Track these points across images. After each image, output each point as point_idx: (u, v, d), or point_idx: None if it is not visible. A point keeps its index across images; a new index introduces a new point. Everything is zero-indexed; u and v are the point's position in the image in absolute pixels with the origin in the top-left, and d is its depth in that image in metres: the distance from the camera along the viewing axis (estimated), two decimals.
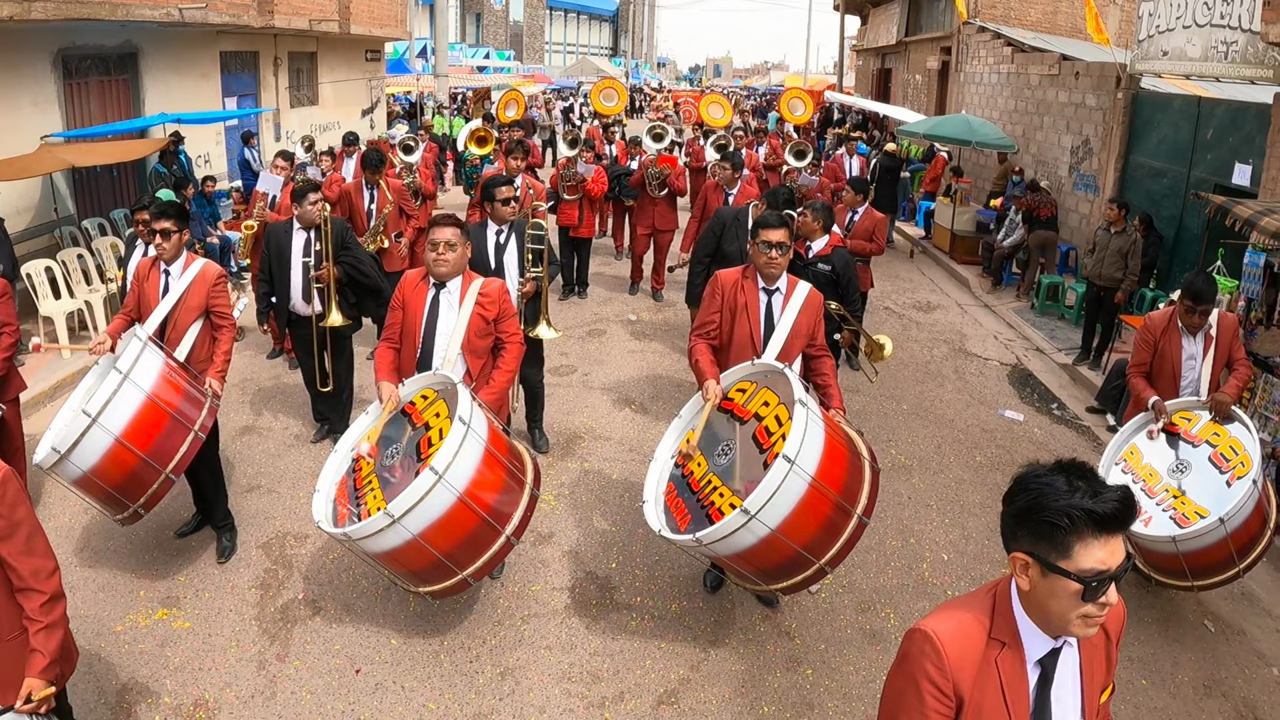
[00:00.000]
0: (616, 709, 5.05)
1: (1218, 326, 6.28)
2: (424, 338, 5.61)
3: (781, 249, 5.45)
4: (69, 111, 13.26)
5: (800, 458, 4.32)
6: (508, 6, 71.26)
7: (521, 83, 38.10)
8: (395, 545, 4.63)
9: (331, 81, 22.69)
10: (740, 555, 4.55)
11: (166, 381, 5.66)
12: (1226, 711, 5.35)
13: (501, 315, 5.69)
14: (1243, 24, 11.13)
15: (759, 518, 4.31)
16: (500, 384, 5.66)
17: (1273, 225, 7.91)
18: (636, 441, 8.34)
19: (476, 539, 4.80)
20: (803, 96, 20.21)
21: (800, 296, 5.56)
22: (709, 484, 4.87)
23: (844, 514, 4.53)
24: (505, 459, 5.00)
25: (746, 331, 5.55)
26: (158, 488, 5.51)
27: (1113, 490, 2.28)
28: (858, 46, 39.23)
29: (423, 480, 4.51)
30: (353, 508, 4.90)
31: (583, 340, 11.21)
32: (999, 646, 2.45)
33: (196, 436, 5.66)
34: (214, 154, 17.57)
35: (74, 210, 13.09)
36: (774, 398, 4.89)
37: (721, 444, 5.01)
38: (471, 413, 4.82)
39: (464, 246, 5.61)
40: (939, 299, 14.47)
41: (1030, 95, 18.21)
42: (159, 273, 6.25)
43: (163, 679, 5.17)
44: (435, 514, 4.59)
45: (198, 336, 6.21)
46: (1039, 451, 8.65)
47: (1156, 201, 13.08)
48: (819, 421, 4.60)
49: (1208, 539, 5.45)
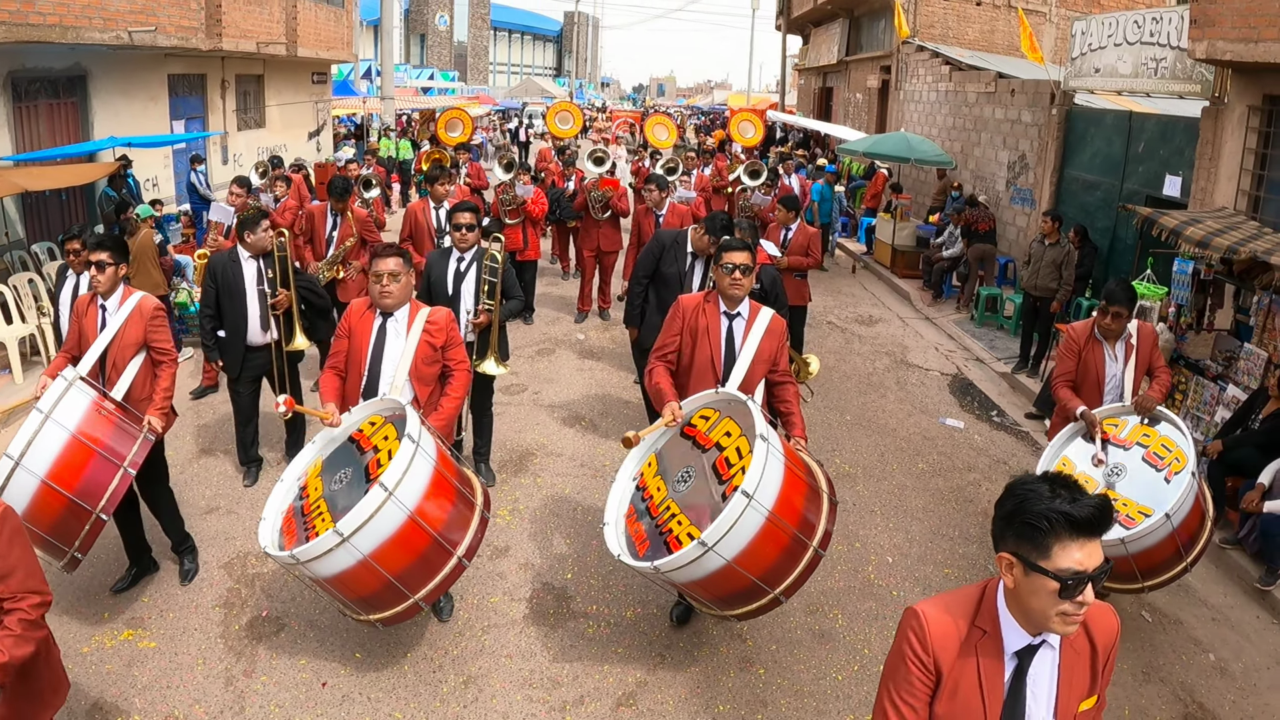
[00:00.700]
0: (577, 712, 5.21)
1: (1138, 336, 6.43)
2: (370, 365, 5.63)
3: (744, 270, 5.46)
4: (18, 134, 13.28)
5: (759, 492, 4.39)
6: (452, 27, 71.44)
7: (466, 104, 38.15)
8: (346, 567, 4.58)
9: (279, 104, 22.72)
10: (697, 583, 4.63)
11: (93, 419, 5.48)
12: (1165, 695, 5.62)
13: (449, 343, 5.73)
14: (1171, 41, 11.57)
15: (716, 549, 4.37)
16: (448, 410, 5.66)
17: (1197, 234, 8.27)
18: (587, 457, 8.53)
19: (428, 560, 4.77)
20: (753, 119, 20.40)
21: (763, 323, 5.55)
22: (668, 510, 4.88)
23: (800, 546, 4.60)
24: (455, 480, 5.02)
25: (707, 355, 5.54)
26: (89, 529, 5.29)
27: (1091, 498, 2.49)
28: (800, 66, 39.71)
29: (372, 497, 4.49)
30: (301, 532, 4.83)
31: (532, 359, 11.38)
32: (980, 634, 2.68)
33: (125, 473, 5.45)
34: (162, 177, 17.57)
35: (23, 234, 13.08)
36: (735, 428, 4.92)
37: (682, 470, 5.03)
38: (420, 432, 4.83)
39: (408, 276, 5.63)
40: (881, 312, 14.81)
41: (968, 112, 18.65)
42: (96, 308, 6.05)
43: (131, 698, 5.25)
44: (386, 533, 4.57)
45: (138, 373, 6.03)
46: (979, 457, 8.95)
47: (1091, 213, 13.49)
48: (779, 455, 4.66)
49: (1155, 536, 5.47)
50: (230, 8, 17.01)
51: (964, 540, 7.36)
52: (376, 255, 5.60)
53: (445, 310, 5.82)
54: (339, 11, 24.27)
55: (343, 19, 24.61)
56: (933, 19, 23.62)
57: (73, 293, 7.40)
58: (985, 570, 6.90)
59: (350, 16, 25.45)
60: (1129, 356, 6.41)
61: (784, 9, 37.21)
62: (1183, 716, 5.47)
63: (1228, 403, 8.39)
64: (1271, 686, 5.84)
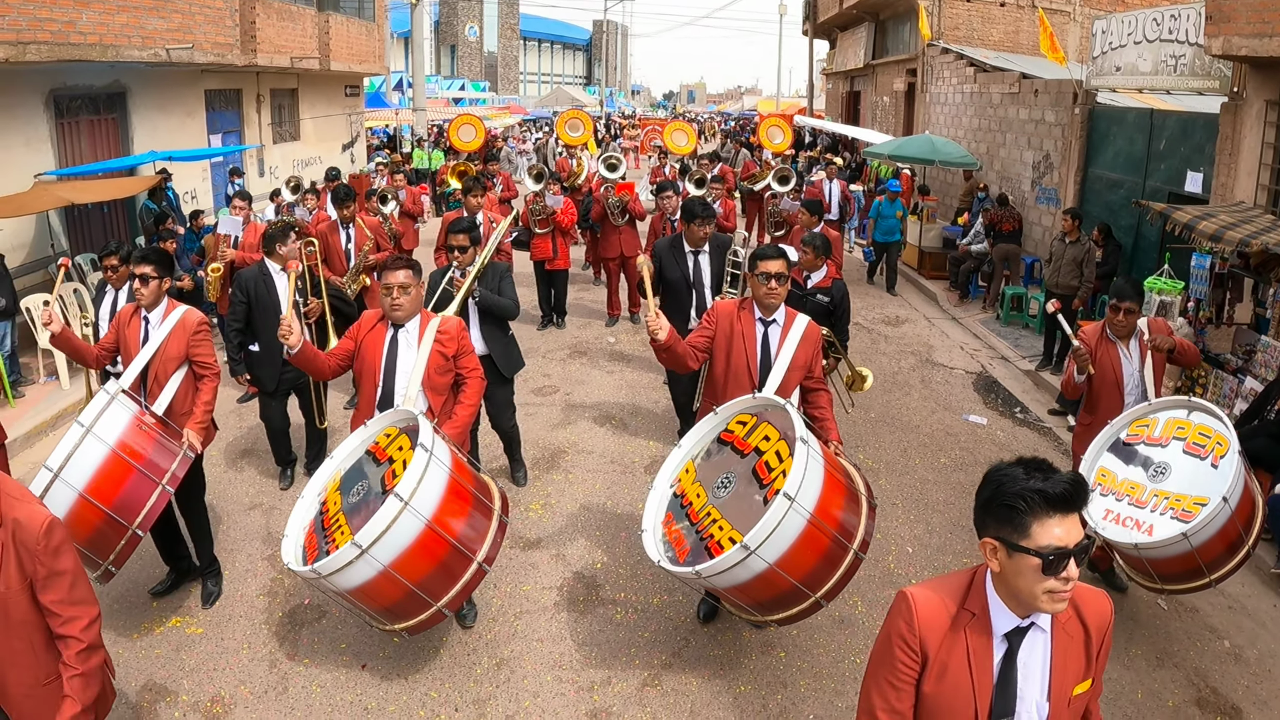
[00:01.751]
0: (604, 691, 5.44)
1: (1150, 331, 6.37)
2: (384, 377, 5.62)
3: (780, 279, 5.44)
4: (60, 150, 13.67)
5: (800, 495, 4.39)
6: (482, 38, 71.99)
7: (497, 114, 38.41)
8: (367, 578, 4.59)
9: (312, 117, 23.11)
10: (738, 588, 4.63)
11: (134, 434, 5.47)
12: (1179, 680, 5.74)
13: (461, 351, 5.74)
14: (1189, 38, 11.66)
15: (758, 553, 4.37)
16: (462, 418, 5.67)
17: (1210, 228, 8.39)
18: (617, 454, 8.77)
19: (448, 567, 4.78)
20: (781, 125, 19.93)
21: (799, 329, 5.54)
22: (708, 515, 4.86)
23: (841, 549, 4.60)
24: (471, 486, 5.03)
25: (743, 362, 5.53)
26: (125, 544, 5.30)
27: (1065, 474, 2.58)
28: (827, 70, 39.81)
29: (388, 507, 4.49)
30: (322, 546, 4.81)
31: (564, 362, 11.63)
32: (969, 616, 2.74)
33: (164, 490, 5.43)
34: (200, 190, 17.96)
35: (67, 246, 13.45)
36: (774, 432, 4.92)
37: (721, 476, 5.01)
38: (434, 441, 4.84)
39: (418, 288, 5.64)
40: (907, 313, 14.96)
41: (993, 113, 18.74)
42: (139, 320, 6.07)
43: (179, 679, 5.52)
44: (404, 542, 4.57)
45: (179, 387, 6.00)
46: (1001, 452, 9.09)
47: (1115, 211, 13.56)
48: (819, 459, 4.66)
49: (1216, 523, 5.33)
50: (264, 24, 17.39)
51: (970, 530, 7.49)
52: (386, 268, 5.58)
53: (456, 319, 5.90)
54: (370, 25, 24.64)
55: (374, 32, 24.98)
56: (957, 21, 23.72)
57: (111, 308, 7.43)
58: None
59: (382, 30, 25.82)
60: (1144, 354, 6.35)
61: (810, 14, 37.33)
62: (1196, 700, 5.58)
63: (1246, 395, 8.49)
64: None
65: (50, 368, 10.76)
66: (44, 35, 11.48)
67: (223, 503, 7.71)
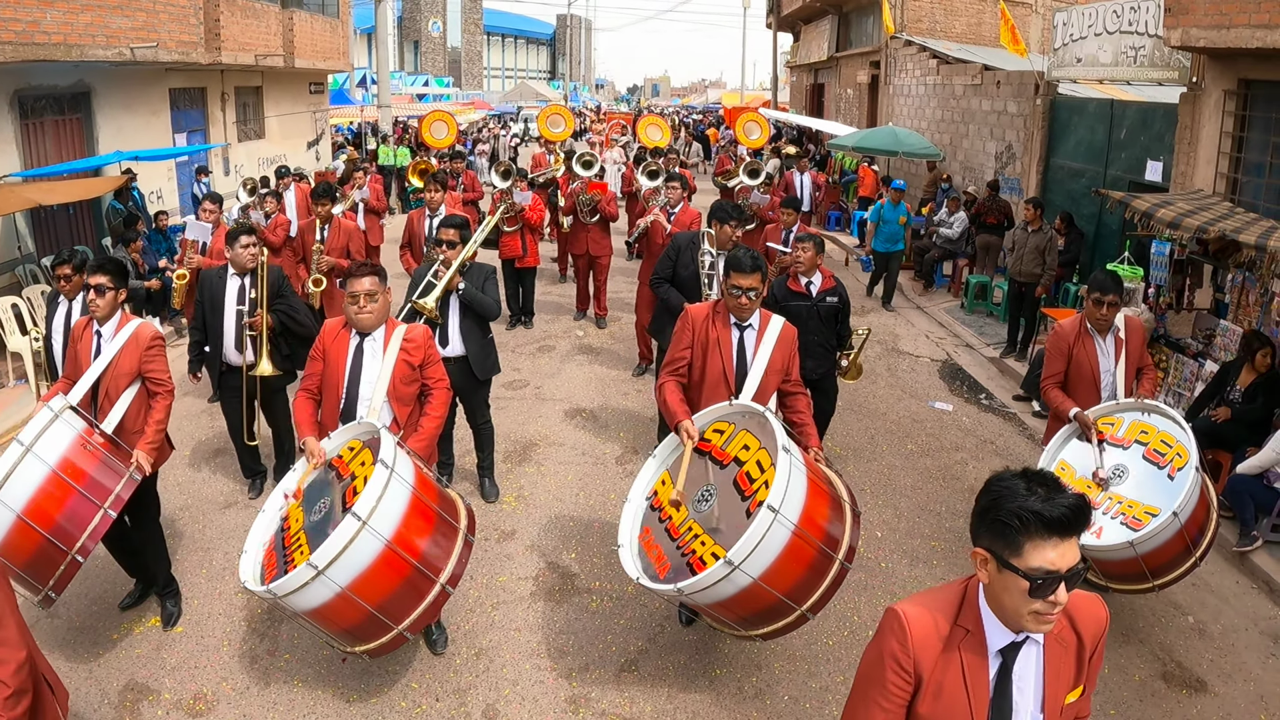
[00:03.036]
0: (583, 678, 5.54)
1: (1126, 330, 6.28)
2: (348, 387, 5.43)
3: (753, 294, 5.30)
4: (25, 151, 13.58)
5: (784, 507, 4.27)
6: (445, 33, 71.78)
7: (461, 109, 38.30)
8: (324, 600, 4.43)
9: (277, 115, 23.01)
10: (722, 604, 4.50)
11: (77, 453, 5.21)
12: (1144, 655, 5.91)
13: (427, 360, 5.55)
14: (1148, 29, 11.88)
15: (742, 568, 4.25)
16: (428, 430, 5.46)
17: (1168, 216, 8.57)
18: (588, 446, 8.87)
19: (409, 589, 4.61)
20: (759, 120, 19.52)
21: (774, 331, 5.43)
22: (689, 531, 4.73)
23: (827, 560, 4.48)
24: (435, 504, 4.85)
25: (719, 368, 5.40)
26: (65, 568, 5.01)
27: (1067, 497, 2.47)
28: (791, 63, 40.02)
29: (345, 527, 4.32)
30: (281, 564, 4.66)
31: (533, 356, 11.71)
32: (963, 633, 2.68)
33: (105, 514, 5.13)
34: (166, 189, 17.86)
35: (34, 248, 13.38)
36: (754, 441, 4.80)
37: (701, 489, 4.86)
38: (395, 457, 4.66)
39: (385, 295, 5.43)
40: (872, 303, 15.14)
41: (955, 105, 18.95)
42: (92, 333, 5.79)
43: (161, 678, 5.56)
44: (363, 564, 4.40)
45: (131, 404, 5.73)
46: (966, 437, 9.27)
47: (1077, 200, 13.79)
48: (801, 468, 4.56)
49: (1164, 535, 5.36)
50: (228, 21, 17.32)
51: (951, 515, 7.66)
52: (351, 275, 5.35)
53: (423, 327, 5.68)
54: (334, 21, 24.57)
55: (338, 29, 24.90)
56: (920, 13, 23.92)
57: (65, 319, 6.81)
58: (970, 543, 7.19)
59: (346, 26, 25.73)
60: (1119, 351, 6.26)
61: (774, 7, 37.50)
62: (1161, 674, 5.74)
63: (1205, 378, 8.68)
64: (1248, 647, 6.11)
65: (20, 371, 10.73)
66: (8, 35, 11.44)
67: (198, 502, 7.73)
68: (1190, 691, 5.62)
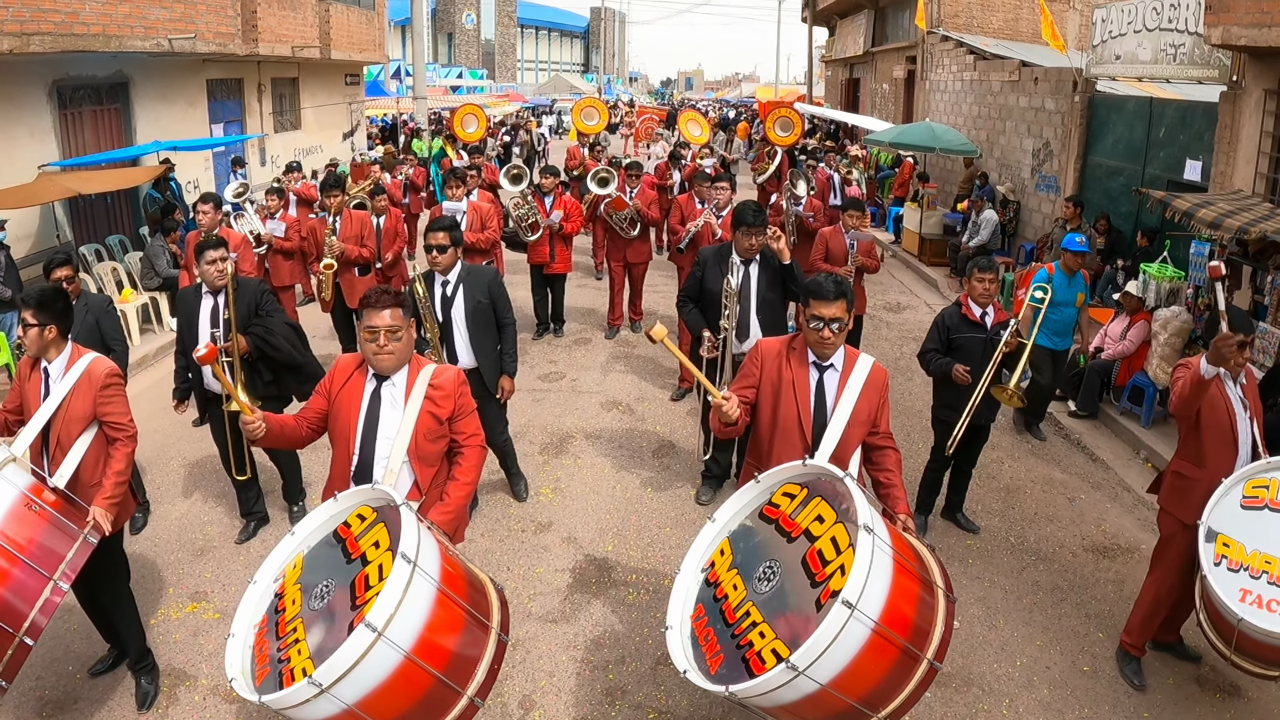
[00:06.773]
0: (619, 670, 5.56)
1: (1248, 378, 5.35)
2: (362, 442, 4.49)
3: (836, 326, 4.48)
4: (64, 141, 13.78)
5: (863, 601, 3.46)
6: (479, 25, 71.86)
7: (496, 102, 38.40)
8: (327, 715, 3.58)
9: (313, 106, 23.18)
10: (782, 708, 3.69)
11: (19, 516, 4.40)
12: (1178, 659, 5.85)
13: (458, 412, 4.57)
14: (1189, 27, 11.75)
15: (808, 673, 3.44)
16: (457, 500, 4.49)
17: (1209, 216, 8.48)
18: (625, 439, 8.88)
19: (430, 703, 3.73)
20: (792, 116, 18.31)
21: (861, 374, 4.60)
22: (747, 617, 3.83)
23: (912, 660, 3.67)
24: (463, 602, 3.87)
25: (794, 415, 4.60)
26: (13, 654, 4.21)
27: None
28: (826, 57, 39.87)
29: (357, 639, 3.45)
30: (274, 657, 3.78)
31: (570, 349, 11.72)
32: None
33: (55, 587, 4.34)
34: (203, 179, 18.04)
35: (71, 237, 13.52)
36: (829, 512, 3.89)
37: (764, 565, 3.96)
38: (419, 547, 3.74)
39: (409, 329, 4.50)
40: (908, 299, 15.08)
41: (992, 101, 18.83)
42: (40, 372, 4.98)
43: (198, 664, 5.62)
44: (376, 679, 3.54)
45: (87, 452, 4.95)
46: (1002, 436, 9.20)
47: (1114, 199, 13.67)
48: (886, 550, 3.71)
49: None
50: (265, 13, 17.44)
51: (985, 514, 7.62)
52: (369, 305, 4.38)
53: (453, 370, 4.68)
54: (370, 13, 24.70)
55: (374, 21, 25.04)
56: (957, 8, 23.76)
57: None
58: (1005, 542, 7.16)
59: (381, 18, 25.88)
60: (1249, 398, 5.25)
61: (809, 0, 37.39)
62: (1195, 678, 5.71)
63: None
64: None
65: None
66: (47, 26, 11.55)
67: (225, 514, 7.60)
68: (1224, 695, 5.57)
